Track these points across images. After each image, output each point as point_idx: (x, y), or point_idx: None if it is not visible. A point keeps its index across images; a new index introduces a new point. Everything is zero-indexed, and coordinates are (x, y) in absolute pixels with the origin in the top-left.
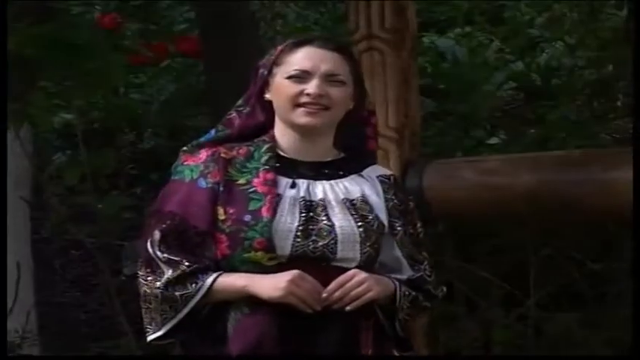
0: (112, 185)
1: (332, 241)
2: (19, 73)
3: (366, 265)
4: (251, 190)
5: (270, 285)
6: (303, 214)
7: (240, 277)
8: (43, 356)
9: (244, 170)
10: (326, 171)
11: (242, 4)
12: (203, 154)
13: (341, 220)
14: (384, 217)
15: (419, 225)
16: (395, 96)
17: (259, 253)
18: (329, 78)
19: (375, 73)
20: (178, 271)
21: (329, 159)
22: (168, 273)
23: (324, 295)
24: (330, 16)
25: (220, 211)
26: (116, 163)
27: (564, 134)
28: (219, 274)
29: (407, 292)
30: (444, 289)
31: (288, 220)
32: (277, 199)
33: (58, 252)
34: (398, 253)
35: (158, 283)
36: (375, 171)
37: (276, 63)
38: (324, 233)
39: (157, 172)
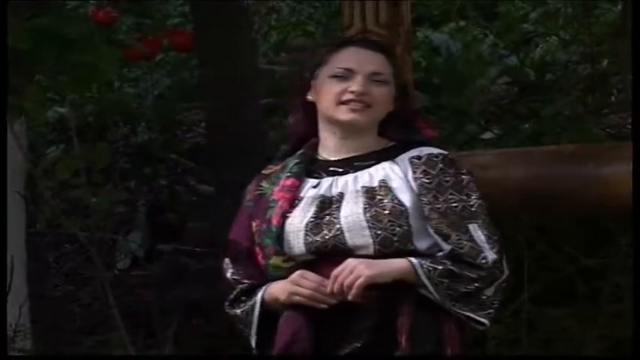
0: (106, 179)
1: (338, 232)
2: (13, 67)
3: (384, 248)
4: (270, 199)
5: (279, 289)
6: (316, 211)
7: (273, 286)
8: (45, 356)
9: (275, 182)
10: (356, 163)
11: None
12: (257, 176)
13: (347, 210)
14: (406, 198)
15: (459, 198)
16: None
17: (274, 259)
18: (373, 77)
19: None
20: (236, 290)
21: (369, 151)
22: (232, 294)
23: (328, 288)
24: (324, 11)
25: (252, 224)
26: (110, 157)
27: (558, 129)
28: (268, 286)
29: (432, 268)
30: (494, 256)
31: (298, 221)
32: (296, 201)
33: (52, 245)
34: (430, 229)
35: (226, 304)
36: (413, 153)
37: (319, 64)
38: (331, 226)
39: (151, 166)
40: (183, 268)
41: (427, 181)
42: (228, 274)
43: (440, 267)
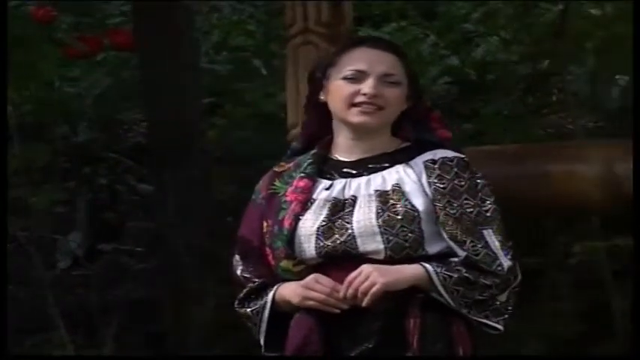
0: (46, 178)
1: (349, 237)
2: None
3: (396, 254)
4: (283, 200)
5: (291, 292)
6: (328, 214)
7: (285, 287)
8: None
9: (289, 181)
10: (370, 165)
11: None
12: (269, 171)
13: (360, 215)
14: (420, 202)
15: (474, 203)
16: None
17: (284, 262)
18: (384, 78)
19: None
20: (247, 289)
21: (382, 152)
22: (241, 293)
23: (341, 294)
24: (265, 10)
25: (264, 224)
26: (49, 157)
27: (499, 129)
28: (279, 286)
29: (447, 276)
30: (509, 263)
31: (309, 224)
32: (309, 203)
33: None
34: (445, 235)
35: (236, 303)
36: (427, 156)
37: (330, 65)
38: (343, 230)
39: (91, 166)
40: (124, 268)
41: (441, 186)
42: (238, 272)
43: (455, 275)
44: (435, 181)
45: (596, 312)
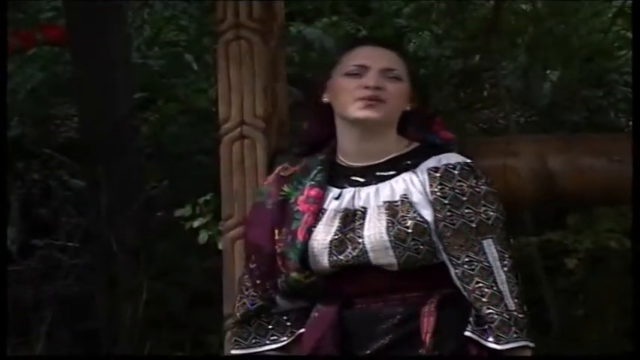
0: None
1: (362, 252)
2: None
3: (408, 266)
4: (295, 209)
5: None
6: (339, 227)
7: None
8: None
9: (299, 187)
10: (377, 173)
11: None
12: (273, 173)
13: (371, 229)
14: (428, 213)
15: (475, 212)
16: (262, 85)
17: (295, 274)
18: (386, 73)
19: (243, 63)
20: (242, 310)
21: (388, 157)
22: (240, 310)
23: None
24: (198, 5)
25: (276, 231)
26: None
27: None
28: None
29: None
30: (512, 303)
31: (322, 237)
32: (320, 214)
33: None
34: (440, 247)
35: (238, 314)
36: (431, 163)
37: (332, 65)
38: (355, 244)
39: (24, 161)
40: (57, 264)
41: (442, 195)
42: (247, 281)
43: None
44: (436, 190)
45: (529, 307)
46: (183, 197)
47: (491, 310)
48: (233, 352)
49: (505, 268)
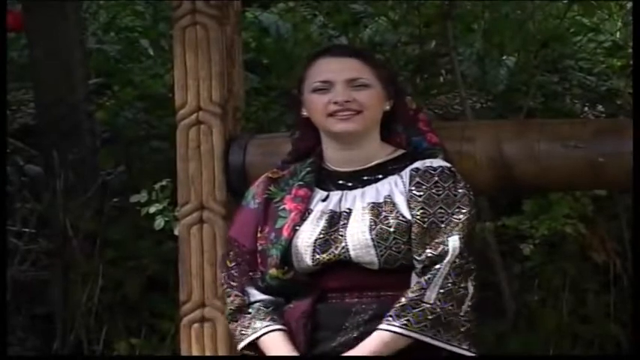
0: None
1: (344, 249)
2: None
3: (388, 265)
4: (281, 207)
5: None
6: (325, 227)
7: (273, 346)
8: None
9: (285, 188)
10: (364, 177)
11: None
12: (263, 175)
13: (354, 228)
14: (409, 212)
15: (447, 212)
16: (219, 71)
17: (273, 270)
18: (352, 83)
19: (199, 48)
20: (232, 306)
21: (375, 162)
22: (230, 305)
23: None
24: None
25: (259, 229)
26: None
27: None
28: (267, 333)
29: (407, 321)
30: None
31: (307, 236)
32: (307, 213)
33: None
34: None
35: (226, 312)
36: (415, 165)
37: (301, 80)
38: (337, 243)
39: None
40: (12, 249)
41: (418, 194)
42: (226, 276)
43: (417, 311)
44: (413, 188)
45: (485, 292)
46: (139, 183)
47: (404, 296)
48: (242, 344)
49: (453, 264)
